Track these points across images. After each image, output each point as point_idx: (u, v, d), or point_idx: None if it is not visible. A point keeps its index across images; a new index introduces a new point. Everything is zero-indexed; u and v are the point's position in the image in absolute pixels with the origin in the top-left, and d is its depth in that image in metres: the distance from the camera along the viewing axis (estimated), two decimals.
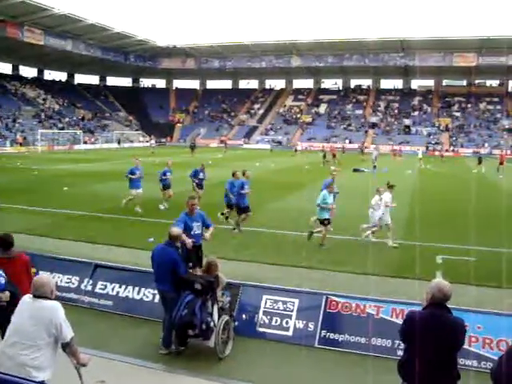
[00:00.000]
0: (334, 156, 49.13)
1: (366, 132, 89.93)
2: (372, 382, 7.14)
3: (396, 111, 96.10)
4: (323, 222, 14.69)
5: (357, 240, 15.41)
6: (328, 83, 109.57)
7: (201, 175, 20.44)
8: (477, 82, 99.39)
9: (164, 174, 20.65)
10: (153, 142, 72.34)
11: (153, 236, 13.80)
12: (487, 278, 11.58)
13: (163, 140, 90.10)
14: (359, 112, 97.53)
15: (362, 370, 7.49)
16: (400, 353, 6.39)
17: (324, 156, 48.31)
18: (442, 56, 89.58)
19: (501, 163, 43.50)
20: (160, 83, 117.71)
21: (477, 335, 7.82)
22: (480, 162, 46.71)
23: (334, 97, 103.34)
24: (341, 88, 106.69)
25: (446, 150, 76.08)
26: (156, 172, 21.58)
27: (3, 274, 6.49)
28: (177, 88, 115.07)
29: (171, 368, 7.53)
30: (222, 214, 17.95)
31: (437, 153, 69.08)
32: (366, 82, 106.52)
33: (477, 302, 9.53)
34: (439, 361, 4.89)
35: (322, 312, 8.53)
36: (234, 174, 17.45)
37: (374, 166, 41.60)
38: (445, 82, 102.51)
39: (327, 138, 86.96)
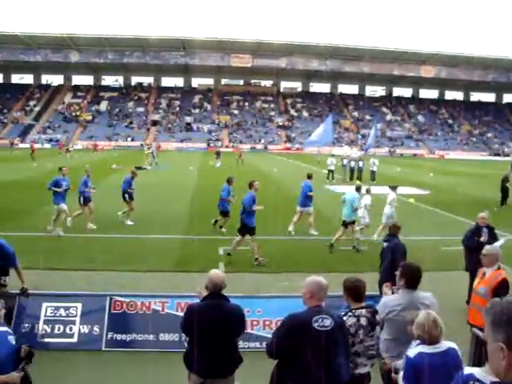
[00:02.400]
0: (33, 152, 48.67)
1: (149, 130, 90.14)
2: (161, 376, 7.21)
3: (177, 109, 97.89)
4: (346, 225, 14.10)
5: (139, 238, 15.40)
6: (109, 80, 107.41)
7: (133, 185, 18.07)
8: (253, 81, 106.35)
9: (85, 184, 17.13)
10: None
11: None
12: (264, 265, 12.52)
13: None
14: (141, 110, 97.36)
15: (150, 367, 7.51)
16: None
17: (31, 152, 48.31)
18: (220, 56, 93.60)
19: (239, 156, 47.36)
20: None
21: (257, 318, 8.36)
22: (218, 155, 48.19)
23: (115, 94, 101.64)
24: (122, 85, 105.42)
25: (226, 146, 79.56)
26: None
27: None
28: None
29: None
30: (216, 221, 16.81)
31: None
32: (147, 80, 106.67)
33: (256, 288, 10.23)
34: (219, 347, 5.16)
35: (106, 314, 8.37)
36: (251, 185, 13.73)
37: (156, 163, 43.85)
38: (223, 81, 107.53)
39: (109, 136, 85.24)
